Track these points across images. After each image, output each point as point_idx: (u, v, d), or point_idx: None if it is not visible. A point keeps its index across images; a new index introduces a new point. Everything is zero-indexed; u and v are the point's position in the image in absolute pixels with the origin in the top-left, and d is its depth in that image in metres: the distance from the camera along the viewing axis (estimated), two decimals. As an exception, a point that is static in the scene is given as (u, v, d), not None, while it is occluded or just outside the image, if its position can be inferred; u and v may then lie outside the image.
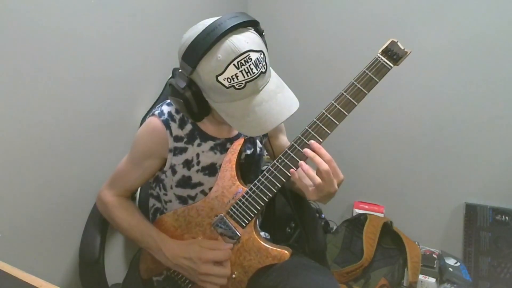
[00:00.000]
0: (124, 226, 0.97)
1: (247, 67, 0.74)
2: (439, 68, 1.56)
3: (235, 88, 0.75)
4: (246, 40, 0.75)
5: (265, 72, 0.78)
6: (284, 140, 1.11)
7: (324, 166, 0.78)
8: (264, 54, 0.78)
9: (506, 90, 1.50)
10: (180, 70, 0.79)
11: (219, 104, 0.79)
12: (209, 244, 0.90)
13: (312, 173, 0.80)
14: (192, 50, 0.74)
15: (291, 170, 0.84)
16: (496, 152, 1.58)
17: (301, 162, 0.82)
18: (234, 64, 0.73)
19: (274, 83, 0.82)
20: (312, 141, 0.82)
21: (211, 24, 0.74)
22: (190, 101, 0.80)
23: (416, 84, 1.60)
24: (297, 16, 1.75)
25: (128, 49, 1.26)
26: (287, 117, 0.79)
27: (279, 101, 0.80)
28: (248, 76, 0.74)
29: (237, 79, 0.74)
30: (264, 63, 0.77)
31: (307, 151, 0.81)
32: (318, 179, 0.79)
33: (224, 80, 0.74)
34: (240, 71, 0.74)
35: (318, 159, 0.80)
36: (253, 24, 0.79)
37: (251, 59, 0.74)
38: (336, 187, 0.81)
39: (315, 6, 1.70)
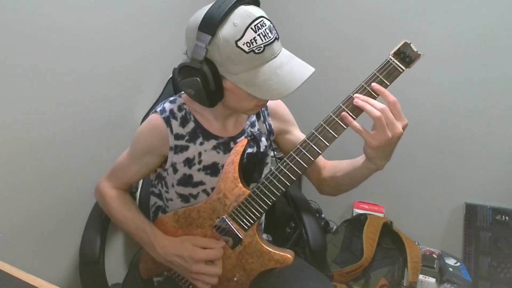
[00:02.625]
0: (119, 218, 0.98)
1: (263, 31, 0.76)
2: (439, 68, 1.56)
3: (255, 53, 0.75)
4: (256, 9, 0.78)
5: (278, 38, 0.80)
6: (298, 134, 1.08)
7: (380, 104, 0.76)
8: (273, 24, 0.80)
9: (506, 90, 1.50)
10: (196, 43, 0.77)
11: (238, 76, 0.78)
12: (201, 242, 0.90)
13: (370, 107, 0.77)
14: (208, 19, 0.75)
15: (343, 113, 0.80)
16: (496, 152, 1.58)
17: (356, 95, 0.79)
18: (251, 28, 0.75)
19: (287, 51, 0.83)
20: (374, 84, 0.79)
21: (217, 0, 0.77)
22: (208, 76, 0.78)
23: (416, 84, 1.59)
24: (303, 16, 1.75)
25: (128, 49, 1.26)
26: (310, 75, 0.79)
27: (298, 62, 0.81)
28: (265, 39, 0.76)
29: (256, 43, 0.75)
30: (275, 31, 0.79)
31: (356, 99, 0.79)
32: (376, 111, 0.76)
33: (243, 44, 0.74)
34: (258, 35, 0.75)
35: (371, 100, 0.78)
36: (255, 3, 0.81)
37: (265, 24, 0.77)
38: (400, 128, 0.78)
39: (320, 6, 1.70)
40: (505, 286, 1.56)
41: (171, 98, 0.96)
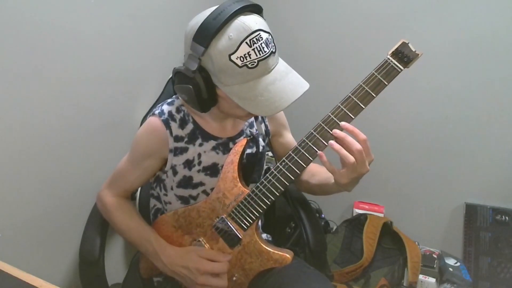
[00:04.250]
0: (122, 228, 0.97)
1: (259, 46, 0.74)
2: (439, 68, 1.55)
3: (248, 67, 0.75)
4: (255, 20, 0.76)
5: (274, 52, 0.79)
6: (289, 137, 1.09)
7: (357, 145, 0.77)
8: (272, 36, 0.78)
9: (506, 90, 1.49)
10: (190, 53, 0.77)
11: (231, 88, 0.78)
12: (207, 254, 0.90)
13: (345, 151, 0.78)
14: (203, 30, 0.74)
15: (319, 152, 0.81)
16: (496, 152, 1.58)
17: (331, 142, 0.80)
18: (246, 42, 0.73)
19: (283, 65, 0.82)
20: (343, 123, 0.80)
21: (218, 7, 0.75)
22: (200, 85, 0.78)
23: (416, 84, 1.59)
24: (301, 15, 1.74)
25: (128, 49, 1.26)
26: (301, 94, 0.79)
27: (291, 79, 0.80)
28: (260, 54, 0.75)
29: (250, 58, 0.74)
30: (273, 44, 0.78)
31: (336, 131, 0.79)
32: (351, 158, 0.77)
33: (237, 59, 0.74)
34: (252, 50, 0.74)
35: (349, 138, 0.78)
36: (257, 11, 0.80)
37: (262, 38, 0.75)
38: (368, 167, 0.80)
39: (319, 5, 1.70)
40: (505, 286, 1.56)
41: (169, 100, 0.95)
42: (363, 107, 0.80)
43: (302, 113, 1.26)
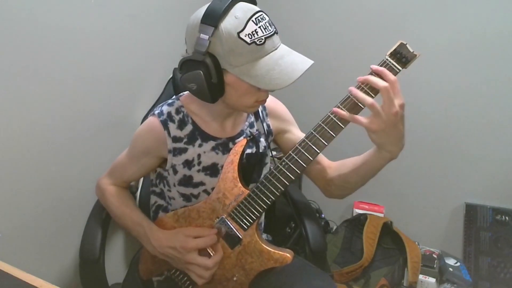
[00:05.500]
0: (117, 214, 1.00)
1: (264, 24, 0.78)
2: (439, 68, 1.56)
3: (256, 44, 0.77)
4: (254, 6, 0.81)
5: (277, 33, 0.82)
6: (298, 133, 1.07)
7: (383, 82, 0.77)
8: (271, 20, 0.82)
9: (506, 90, 1.50)
10: (198, 35, 0.78)
11: (241, 68, 0.79)
12: (193, 232, 0.91)
13: (362, 94, 0.78)
14: (211, 12, 0.77)
15: (334, 109, 0.80)
16: (496, 152, 1.58)
17: (350, 88, 0.80)
18: (252, 20, 0.77)
19: (285, 45, 0.85)
20: (372, 65, 0.80)
21: None
22: (210, 68, 0.78)
23: (416, 84, 1.59)
24: (300, 15, 1.75)
25: (129, 49, 1.26)
26: (310, 65, 0.81)
27: (297, 54, 0.83)
28: (266, 32, 0.78)
29: (257, 35, 0.77)
30: (274, 26, 0.82)
31: (359, 78, 0.80)
32: (369, 99, 0.77)
33: (245, 36, 0.76)
34: (258, 27, 0.77)
35: (373, 78, 0.78)
36: (252, 2, 0.84)
37: (265, 18, 0.80)
38: (397, 107, 0.76)
39: (318, 5, 1.70)
40: (505, 286, 1.56)
41: (169, 101, 0.96)
42: (362, 107, 0.81)
43: (302, 113, 1.26)
